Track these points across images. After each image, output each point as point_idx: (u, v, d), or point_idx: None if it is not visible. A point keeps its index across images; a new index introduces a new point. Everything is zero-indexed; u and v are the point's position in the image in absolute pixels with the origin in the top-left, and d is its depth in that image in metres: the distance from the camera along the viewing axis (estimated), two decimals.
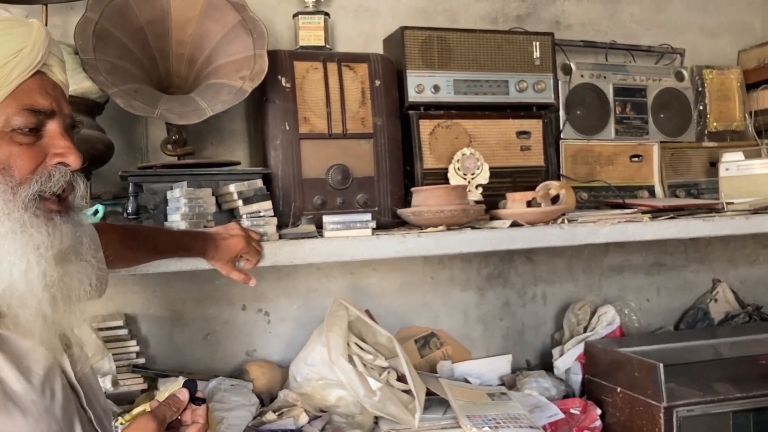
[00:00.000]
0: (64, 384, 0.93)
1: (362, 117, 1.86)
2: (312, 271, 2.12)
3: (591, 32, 2.45)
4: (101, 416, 0.99)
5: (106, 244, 1.19)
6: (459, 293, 2.28)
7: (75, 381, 0.96)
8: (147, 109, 1.57)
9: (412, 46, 1.95)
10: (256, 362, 1.97)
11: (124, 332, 1.84)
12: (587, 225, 1.75)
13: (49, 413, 0.87)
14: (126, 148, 1.93)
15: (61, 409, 0.89)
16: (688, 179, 2.35)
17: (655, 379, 1.74)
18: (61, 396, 0.90)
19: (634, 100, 2.26)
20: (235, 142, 2.06)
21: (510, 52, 2.05)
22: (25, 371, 0.87)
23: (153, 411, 1.00)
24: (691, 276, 2.56)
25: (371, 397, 1.68)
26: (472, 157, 1.94)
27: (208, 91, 1.67)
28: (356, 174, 1.84)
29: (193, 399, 1.07)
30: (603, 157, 2.23)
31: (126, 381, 1.76)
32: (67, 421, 0.90)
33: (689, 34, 2.58)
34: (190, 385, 1.08)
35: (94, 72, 1.56)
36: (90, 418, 0.96)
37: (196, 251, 1.40)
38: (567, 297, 2.39)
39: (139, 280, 1.94)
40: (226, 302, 2.05)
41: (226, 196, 1.60)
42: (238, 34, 1.73)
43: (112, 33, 1.64)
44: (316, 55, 1.86)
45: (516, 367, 2.24)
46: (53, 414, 0.88)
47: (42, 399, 0.87)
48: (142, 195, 1.59)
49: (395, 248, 1.60)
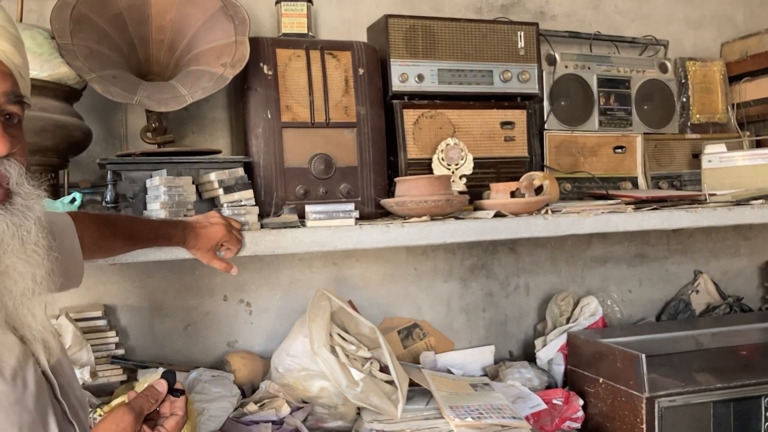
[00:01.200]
0: (38, 375, 0.90)
1: (345, 106, 1.85)
2: (294, 261, 2.10)
3: (575, 23, 2.45)
4: (76, 407, 0.97)
5: (82, 233, 1.17)
6: (442, 284, 2.27)
7: (49, 371, 0.93)
8: (126, 96, 1.54)
9: (396, 34, 1.93)
10: (237, 353, 1.96)
11: (103, 323, 1.81)
12: (571, 216, 1.75)
13: (21, 404, 0.85)
14: (104, 135, 1.90)
15: (34, 400, 0.87)
16: (671, 171, 2.35)
17: (637, 369, 1.75)
18: (34, 387, 0.88)
19: (617, 92, 2.27)
20: (216, 130, 2.03)
21: (494, 42, 2.03)
22: None
23: (130, 403, 0.98)
24: (673, 267, 2.57)
25: (354, 388, 1.67)
26: (456, 148, 1.93)
27: (189, 77, 1.64)
28: (339, 163, 1.82)
29: (171, 390, 1.05)
30: (587, 148, 2.23)
31: (105, 372, 1.74)
32: (40, 412, 0.88)
33: (673, 26, 2.59)
34: (169, 377, 1.06)
35: (71, 57, 1.52)
36: (64, 410, 0.94)
37: (176, 240, 1.38)
38: (550, 288, 2.39)
39: (119, 270, 1.91)
40: (207, 293, 2.02)
41: (206, 185, 1.58)
42: (219, 20, 1.70)
43: (90, 17, 1.61)
44: (298, 43, 1.84)
45: (499, 358, 2.25)
46: (25, 405, 0.85)
47: (13, 390, 0.85)
48: (121, 183, 1.56)
49: (378, 238, 1.59)
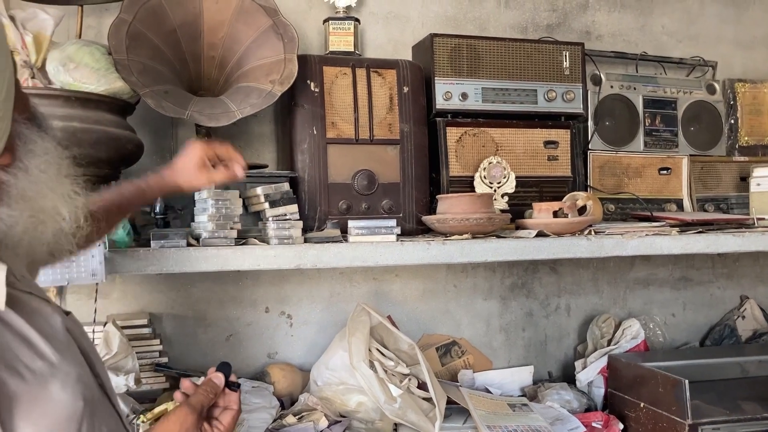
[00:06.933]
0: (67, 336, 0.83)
1: (389, 123, 1.87)
2: (335, 275, 2.12)
3: (621, 43, 2.43)
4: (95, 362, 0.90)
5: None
6: (482, 302, 2.27)
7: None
8: (178, 111, 1.59)
9: (441, 53, 1.95)
10: (277, 365, 1.98)
11: (148, 331, 1.86)
12: (614, 237, 1.73)
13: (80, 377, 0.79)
14: (155, 147, 1.95)
15: (80, 366, 0.81)
16: (718, 193, 2.32)
17: (680, 395, 1.72)
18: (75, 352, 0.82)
19: (663, 113, 2.24)
20: (262, 144, 2.07)
21: (539, 62, 2.04)
22: (50, 336, 0.78)
23: (190, 402, 0.98)
24: (718, 292, 2.52)
25: (392, 403, 1.68)
26: (499, 166, 1.93)
27: (238, 93, 1.69)
28: (382, 180, 1.84)
29: (227, 383, 1.04)
30: (631, 169, 2.21)
31: (148, 379, 1.78)
32: (86, 372, 0.82)
33: (722, 47, 2.55)
34: (225, 369, 1.05)
35: (127, 72, 1.58)
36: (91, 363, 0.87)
37: (152, 182, 1.29)
38: (591, 309, 2.37)
39: (164, 279, 1.96)
40: (250, 304, 2.06)
41: (252, 199, 1.61)
42: (269, 38, 1.74)
43: (145, 34, 1.66)
44: (345, 61, 1.87)
45: (538, 379, 2.23)
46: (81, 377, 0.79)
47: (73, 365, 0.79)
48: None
49: (419, 255, 1.60)
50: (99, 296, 1.77)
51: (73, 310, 0.91)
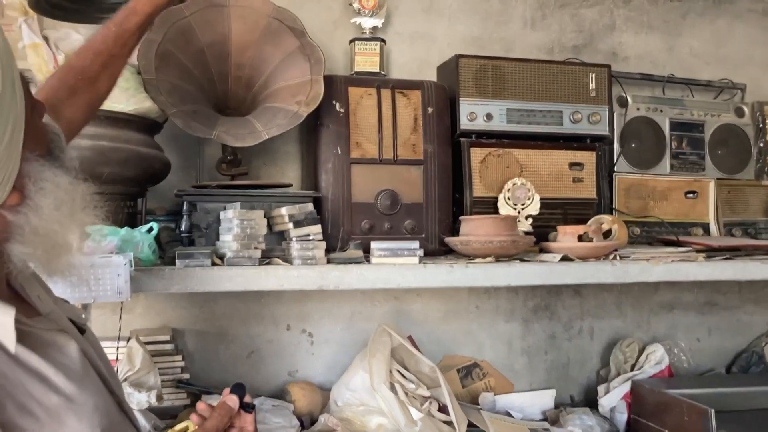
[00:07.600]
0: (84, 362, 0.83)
1: (413, 143, 1.87)
2: (357, 294, 2.12)
3: (648, 65, 2.42)
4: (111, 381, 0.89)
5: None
6: (504, 324, 2.25)
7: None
8: (205, 131, 1.60)
9: (466, 74, 1.95)
10: (297, 383, 1.98)
11: (171, 347, 1.86)
12: (640, 263, 1.71)
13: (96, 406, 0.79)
14: (181, 165, 1.97)
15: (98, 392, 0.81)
16: (746, 218, 2.28)
17: (706, 425, 1.69)
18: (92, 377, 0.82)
19: (690, 135, 2.22)
20: (287, 163, 2.08)
21: (565, 83, 2.03)
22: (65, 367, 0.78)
23: (205, 427, 0.98)
24: (745, 317, 2.48)
25: (412, 427, 1.67)
26: (523, 187, 1.92)
27: (265, 114, 1.70)
28: (405, 200, 1.84)
29: (241, 405, 1.04)
30: (657, 192, 2.18)
31: (170, 396, 1.79)
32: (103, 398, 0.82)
33: (751, 69, 2.53)
34: (239, 391, 1.04)
35: (155, 92, 1.60)
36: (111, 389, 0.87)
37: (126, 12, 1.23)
38: (614, 333, 2.34)
39: (188, 295, 1.97)
40: (271, 321, 2.06)
41: (277, 218, 1.62)
42: (296, 59, 1.75)
43: (174, 54, 1.69)
44: (370, 81, 1.88)
45: (559, 403, 2.20)
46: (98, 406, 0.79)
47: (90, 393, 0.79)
48: (196, 214, 1.62)
49: (442, 278, 1.59)
50: (123, 311, 1.78)
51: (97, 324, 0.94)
